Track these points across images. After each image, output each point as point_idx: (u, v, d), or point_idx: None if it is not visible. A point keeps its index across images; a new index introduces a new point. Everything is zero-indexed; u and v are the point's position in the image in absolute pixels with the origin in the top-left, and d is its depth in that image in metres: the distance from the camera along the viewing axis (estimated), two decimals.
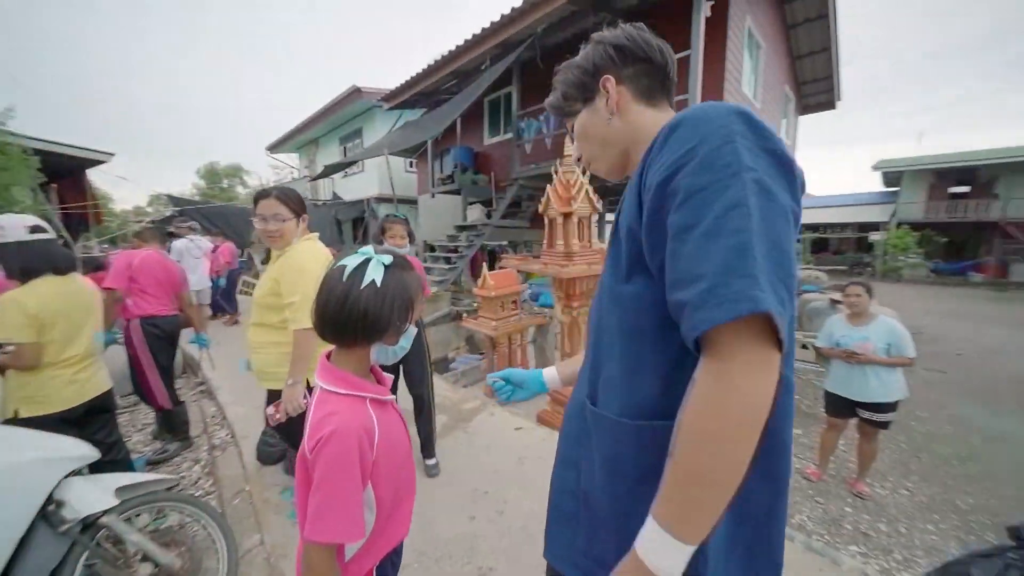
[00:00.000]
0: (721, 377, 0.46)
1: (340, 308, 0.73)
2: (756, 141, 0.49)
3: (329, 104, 11.22)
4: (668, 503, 0.48)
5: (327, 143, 13.57)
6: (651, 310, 0.57)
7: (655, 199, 0.52)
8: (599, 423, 0.64)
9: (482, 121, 8.93)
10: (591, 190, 3.06)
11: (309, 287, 1.43)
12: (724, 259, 0.45)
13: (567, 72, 0.75)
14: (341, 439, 0.69)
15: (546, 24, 5.68)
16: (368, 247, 0.80)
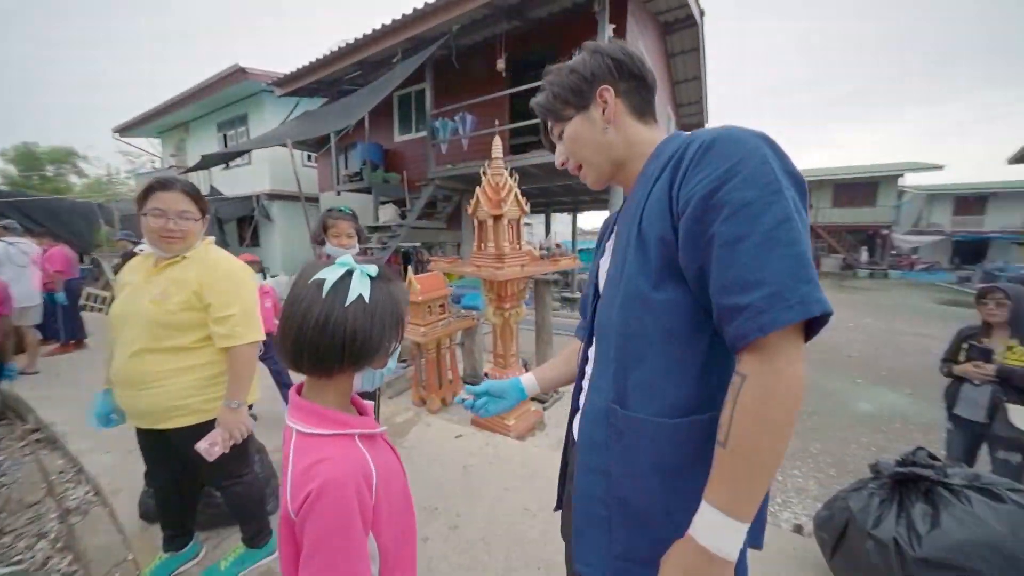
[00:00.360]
0: (778, 370, 0.51)
1: (321, 331, 0.61)
2: (782, 164, 0.55)
3: (205, 83, 9.58)
4: (725, 488, 0.53)
5: (201, 129, 11.58)
6: (684, 314, 0.61)
7: (697, 210, 0.56)
8: (634, 426, 0.65)
9: (391, 117, 8.51)
10: (519, 193, 3.12)
11: (247, 297, 1.37)
12: (787, 266, 0.51)
13: (561, 75, 0.74)
14: (335, 492, 0.57)
15: (460, 24, 5.63)
16: (347, 256, 0.69)
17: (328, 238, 1.92)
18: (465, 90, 6.69)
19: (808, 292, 0.50)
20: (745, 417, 0.52)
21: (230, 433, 1.32)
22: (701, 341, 0.61)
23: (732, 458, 0.53)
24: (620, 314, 0.66)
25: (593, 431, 0.71)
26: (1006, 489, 1.29)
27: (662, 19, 7.07)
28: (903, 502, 1.35)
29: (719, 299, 0.55)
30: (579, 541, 0.71)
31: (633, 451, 0.65)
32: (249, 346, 1.35)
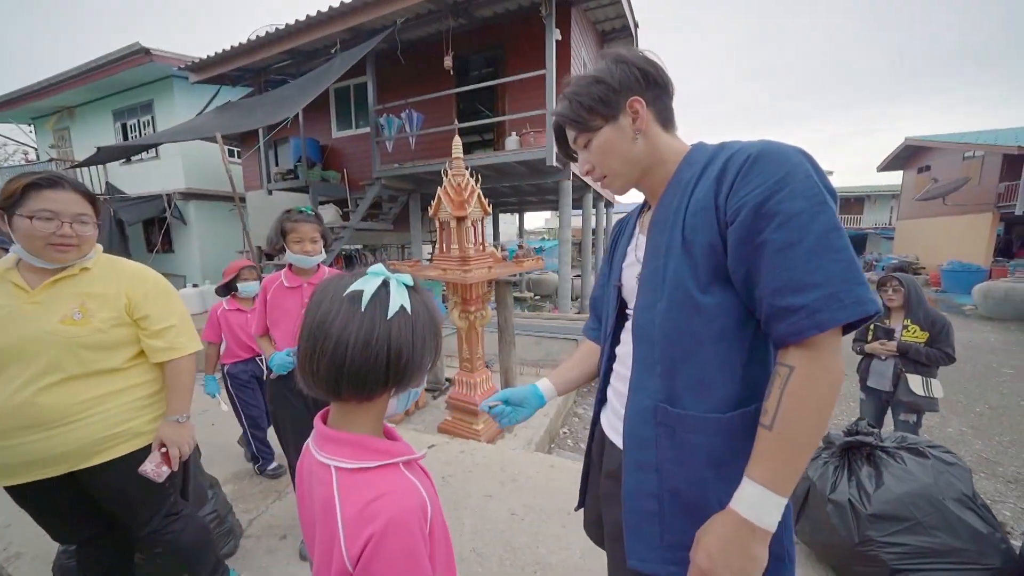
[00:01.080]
0: (825, 363, 0.57)
1: (364, 350, 0.54)
2: (820, 178, 0.60)
3: (97, 63, 8.23)
4: (770, 466, 0.58)
5: (91, 116, 9.95)
6: (732, 315, 0.65)
7: (748, 219, 0.60)
8: (686, 423, 0.67)
9: (329, 111, 7.98)
10: (481, 194, 3.08)
11: (182, 306, 1.31)
12: (841, 270, 0.56)
13: (587, 86, 0.73)
14: (402, 530, 0.51)
15: (405, 18, 5.44)
16: (378, 265, 0.61)
17: (288, 244, 1.68)
18: (410, 86, 6.48)
19: (862, 293, 0.56)
20: (794, 404, 0.57)
21: (179, 449, 1.21)
22: (745, 339, 0.66)
23: (779, 440, 0.58)
24: (666, 317, 0.69)
25: (640, 430, 0.72)
26: (927, 447, 1.53)
27: (600, 28, 7.39)
28: (852, 467, 1.54)
29: (773, 300, 0.59)
30: (633, 537, 0.72)
31: (686, 446, 0.67)
32: (190, 357, 1.27)
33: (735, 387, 0.66)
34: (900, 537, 1.34)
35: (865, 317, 0.56)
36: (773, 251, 0.58)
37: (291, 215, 1.73)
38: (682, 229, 0.67)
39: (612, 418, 0.83)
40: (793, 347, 0.59)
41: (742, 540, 0.58)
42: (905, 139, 16.36)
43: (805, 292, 0.56)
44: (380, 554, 0.50)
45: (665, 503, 0.69)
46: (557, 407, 3.89)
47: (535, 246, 13.55)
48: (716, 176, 0.64)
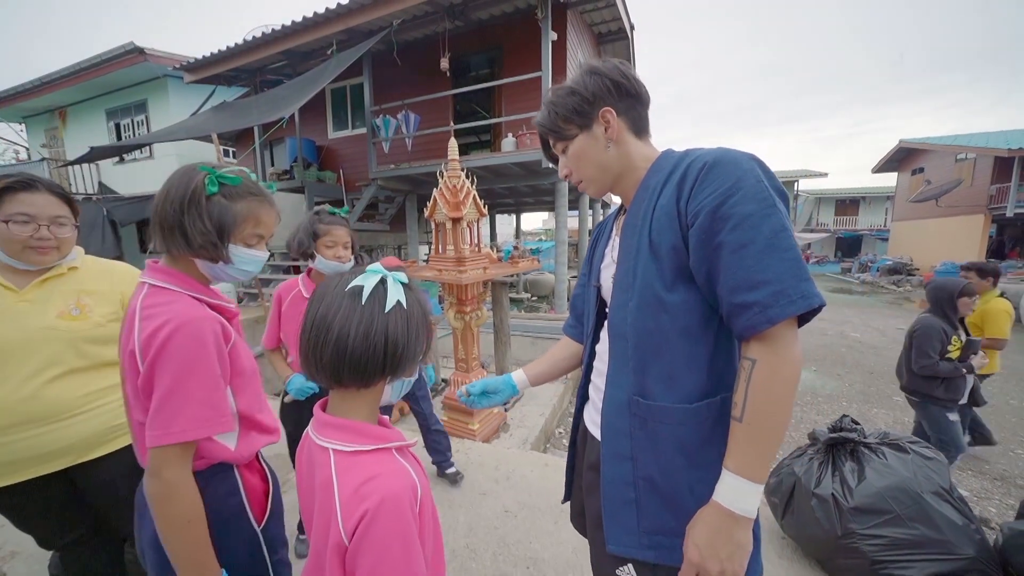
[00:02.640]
0: (782, 354, 0.61)
1: (364, 340, 0.59)
2: (771, 182, 0.65)
3: (91, 63, 8.20)
4: (743, 456, 0.62)
5: (84, 114, 9.91)
6: (695, 311, 0.69)
7: (705, 222, 0.64)
8: (657, 414, 0.71)
9: (325, 112, 7.99)
10: (477, 195, 3.11)
11: None
12: (787, 268, 0.60)
13: (564, 97, 0.79)
14: (394, 508, 0.55)
15: (401, 19, 5.46)
16: (376, 264, 0.66)
17: (319, 249, 1.54)
18: (406, 87, 6.50)
19: (807, 288, 0.60)
20: (758, 394, 0.61)
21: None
22: (710, 334, 0.70)
23: (748, 430, 0.62)
24: (636, 315, 0.73)
25: (616, 422, 0.76)
26: (908, 443, 1.57)
27: (596, 30, 7.44)
28: (836, 463, 1.58)
29: (730, 297, 0.63)
30: (611, 524, 0.75)
31: (657, 436, 0.71)
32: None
33: (701, 379, 0.69)
34: (880, 529, 1.38)
35: (812, 309, 0.60)
36: (729, 252, 0.62)
37: (323, 216, 1.58)
38: (649, 232, 0.71)
39: (592, 412, 0.87)
40: (753, 341, 0.63)
41: (727, 529, 0.62)
42: (899, 141, 16.53)
43: (757, 289, 0.60)
44: (373, 529, 0.54)
45: (641, 490, 0.73)
46: (553, 407, 3.92)
47: (532, 247, 13.58)
48: (677, 182, 0.69)
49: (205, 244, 0.77)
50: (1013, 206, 11.65)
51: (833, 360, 6.12)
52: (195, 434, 0.72)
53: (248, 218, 0.82)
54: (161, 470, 0.71)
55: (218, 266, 0.82)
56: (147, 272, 0.81)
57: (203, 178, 0.77)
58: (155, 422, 0.70)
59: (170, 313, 0.73)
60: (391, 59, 6.06)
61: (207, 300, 0.82)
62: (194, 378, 0.72)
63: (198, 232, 0.76)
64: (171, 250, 0.79)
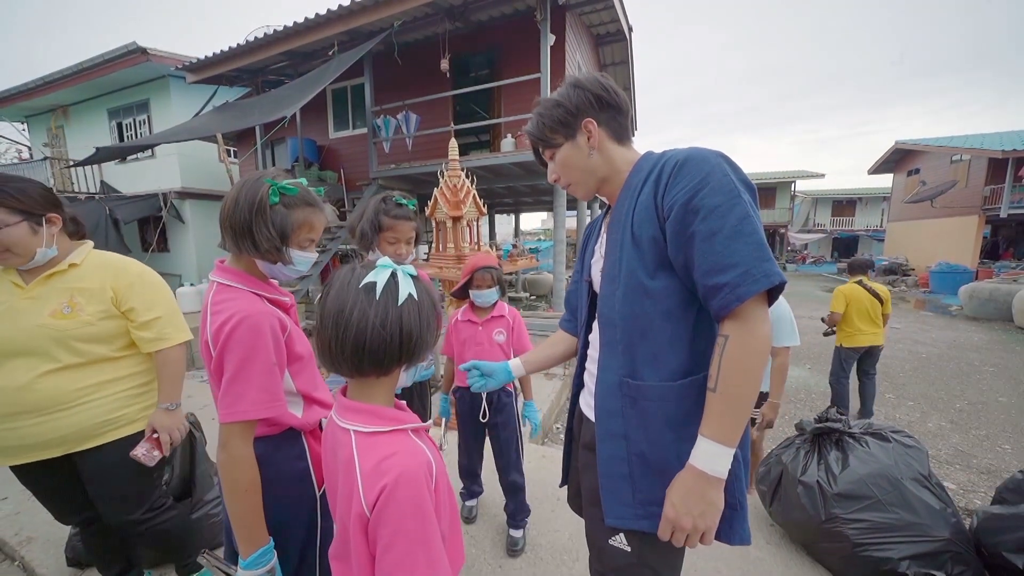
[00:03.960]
0: (751, 330, 0.68)
1: (383, 332, 0.64)
2: (736, 174, 0.72)
3: (93, 63, 8.24)
4: (718, 423, 0.69)
5: (86, 114, 9.94)
6: (676, 296, 0.76)
7: (679, 214, 0.71)
8: (645, 392, 0.78)
9: (325, 112, 8.05)
10: (476, 194, 3.18)
11: (168, 297, 1.33)
12: (751, 251, 0.67)
13: (550, 109, 0.86)
14: (411, 483, 0.60)
15: (402, 20, 5.52)
16: (385, 259, 0.72)
17: (380, 244, 1.43)
18: (407, 87, 6.56)
19: (769, 268, 0.67)
20: (730, 366, 0.68)
21: (169, 435, 1.26)
22: (690, 316, 0.77)
23: (721, 399, 0.69)
24: (623, 303, 0.80)
25: (608, 403, 0.83)
26: (890, 432, 1.64)
27: (595, 31, 7.51)
28: (821, 451, 1.65)
29: (703, 281, 0.70)
30: (608, 498, 0.82)
31: (646, 413, 0.78)
32: (179, 347, 1.31)
33: (684, 358, 0.76)
34: (862, 514, 1.44)
35: (775, 286, 0.67)
36: (700, 240, 0.69)
37: (390, 207, 1.42)
38: (631, 226, 0.78)
39: (587, 397, 0.93)
40: (726, 319, 0.70)
41: (700, 488, 0.69)
42: (895, 142, 16.64)
43: (726, 272, 0.67)
44: (392, 502, 0.59)
45: (634, 465, 0.79)
46: (551, 403, 3.98)
47: (531, 246, 13.65)
48: (655, 180, 0.76)
49: (270, 248, 0.87)
50: (1007, 207, 11.76)
51: (827, 358, 6.18)
52: (254, 414, 0.83)
53: (303, 225, 0.93)
54: (227, 443, 0.82)
55: (277, 266, 0.92)
56: (216, 271, 0.92)
57: (267, 189, 0.87)
58: (223, 402, 0.82)
59: (234, 308, 0.83)
60: (392, 60, 6.12)
61: (265, 295, 0.92)
62: (254, 365, 0.82)
63: (264, 238, 0.87)
64: (241, 251, 0.89)
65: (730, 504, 0.75)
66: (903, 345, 6.46)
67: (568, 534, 1.85)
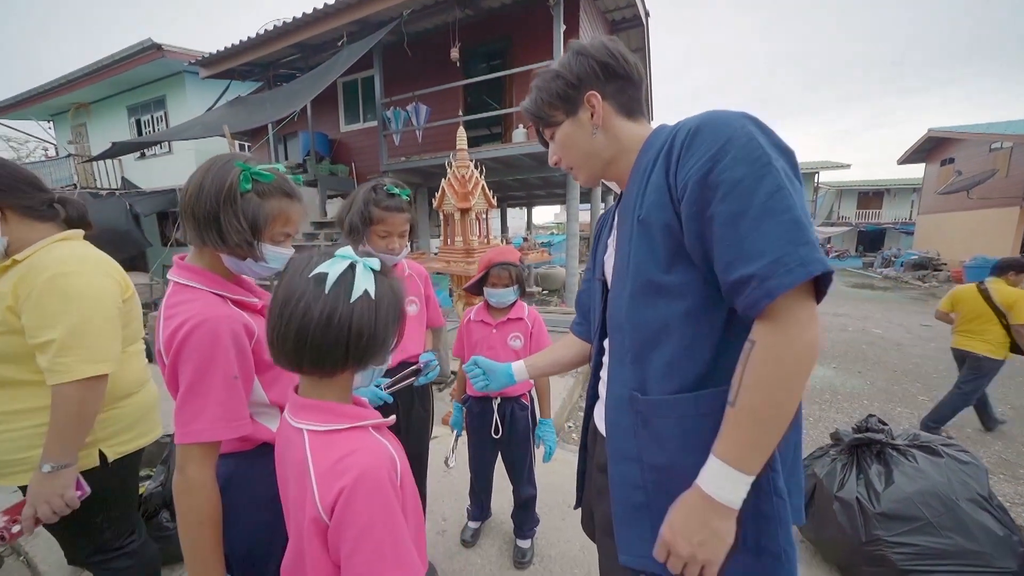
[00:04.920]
0: (785, 334, 0.53)
1: (325, 330, 0.57)
2: (767, 138, 0.57)
3: (111, 60, 8.37)
4: (732, 442, 0.57)
5: (107, 111, 10.15)
6: (697, 293, 0.62)
7: (694, 194, 0.57)
8: (659, 409, 0.65)
9: (337, 105, 8.01)
10: (485, 186, 3.06)
11: (82, 315, 0.93)
12: (783, 233, 0.52)
13: (549, 81, 0.74)
14: (373, 482, 0.54)
15: (411, 9, 5.40)
16: (346, 248, 0.62)
17: (371, 238, 1.29)
18: (417, 79, 6.46)
19: (808, 254, 0.51)
20: (753, 377, 0.55)
21: (36, 510, 0.91)
22: (716, 317, 0.62)
23: (738, 415, 0.56)
24: (631, 304, 0.68)
25: (618, 420, 0.71)
26: (940, 445, 1.48)
27: (610, 17, 7.25)
28: (861, 465, 1.49)
29: (726, 275, 0.56)
30: (622, 532, 0.70)
31: (660, 433, 0.65)
32: (78, 385, 0.92)
33: (704, 366, 0.63)
34: (910, 537, 1.29)
35: (819, 276, 0.52)
36: (721, 224, 0.55)
37: (381, 198, 1.26)
38: (640, 213, 0.66)
39: (602, 410, 0.81)
40: (758, 321, 0.56)
41: (702, 513, 0.58)
42: (928, 130, 15.82)
43: (752, 262, 0.53)
44: (354, 503, 0.53)
45: (652, 494, 0.67)
46: (562, 401, 3.87)
47: (543, 241, 13.47)
48: (665, 154, 0.63)
49: (240, 242, 0.76)
50: None
51: (854, 357, 5.91)
52: (212, 435, 0.72)
53: (278, 217, 0.81)
54: (184, 467, 0.72)
55: (246, 263, 0.81)
56: (173, 269, 0.80)
57: (238, 174, 0.75)
58: (178, 420, 0.72)
59: (188, 313, 0.73)
60: (401, 50, 6.00)
61: (230, 296, 0.81)
62: (212, 378, 0.72)
63: (233, 230, 0.75)
64: (205, 244, 0.78)
65: (771, 552, 0.62)
66: (936, 344, 6.13)
67: (579, 545, 1.74)
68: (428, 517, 1.79)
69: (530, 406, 1.66)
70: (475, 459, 1.74)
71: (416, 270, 1.48)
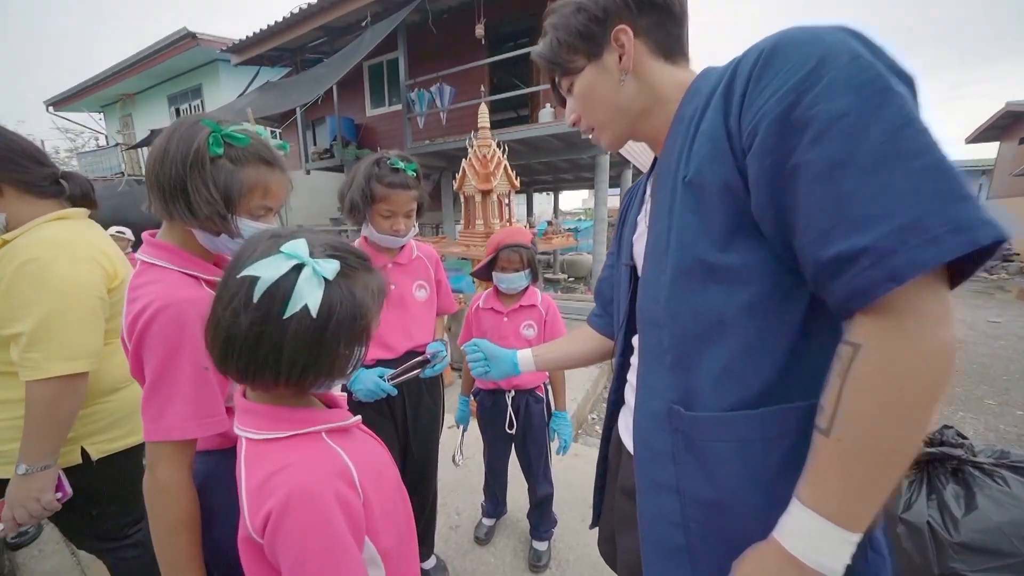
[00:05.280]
0: (907, 335, 0.38)
1: (254, 347, 0.47)
2: (878, 56, 0.40)
3: (151, 50, 8.68)
4: (828, 487, 0.42)
5: (149, 101, 10.61)
6: (766, 276, 0.47)
7: (771, 138, 0.41)
8: (709, 429, 0.51)
9: (363, 89, 7.99)
10: (508, 166, 2.90)
11: (56, 307, 0.85)
12: (920, 185, 0.36)
13: (567, 16, 0.60)
14: (305, 504, 0.46)
15: None
16: (298, 243, 0.49)
17: (373, 217, 1.15)
18: (442, 59, 6.30)
19: (963, 213, 0.35)
20: (861, 400, 0.39)
21: (13, 513, 0.86)
22: (793, 309, 0.47)
23: (839, 450, 0.41)
24: (672, 291, 0.53)
25: (652, 440, 0.57)
26: None
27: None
28: (933, 483, 1.29)
29: (817, 250, 0.40)
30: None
31: (712, 459, 0.51)
32: (46, 384, 0.84)
33: (774, 377, 0.48)
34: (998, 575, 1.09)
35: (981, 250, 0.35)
36: (813, 178, 0.39)
37: (384, 173, 1.12)
38: (687, 173, 0.50)
39: (627, 418, 0.68)
40: (860, 316, 0.40)
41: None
42: (1005, 104, 14.18)
43: (865, 229, 0.37)
44: (281, 530, 0.46)
45: (694, 535, 0.53)
46: (586, 392, 3.73)
47: (570, 226, 13.16)
48: (723, 92, 0.47)
49: (212, 215, 0.66)
50: None
51: None
52: (180, 434, 0.64)
53: (256, 187, 0.71)
54: (154, 467, 0.65)
55: (221, 239, 0.71)
56: (143, 247, 0.72)
57: (206, 136, 0.65)
58: (145, 415, 0.64)
59: (153, 295, 0.64)
60: (426, 30, 5.85)
61: (203, 276, 0.72)
62: (179, 369, 0.64)
63: (203, 201, 0.65)
64: (172, 216, 0.68)
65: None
66: (1006, 342, 5.53)
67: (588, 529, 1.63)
68: (441, 511, 1.72)
69: (545, 398, 1.54)
70: (489, 456, 1.64)
71: (425, 251, 1.37)
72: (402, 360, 1.17)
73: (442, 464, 1.59)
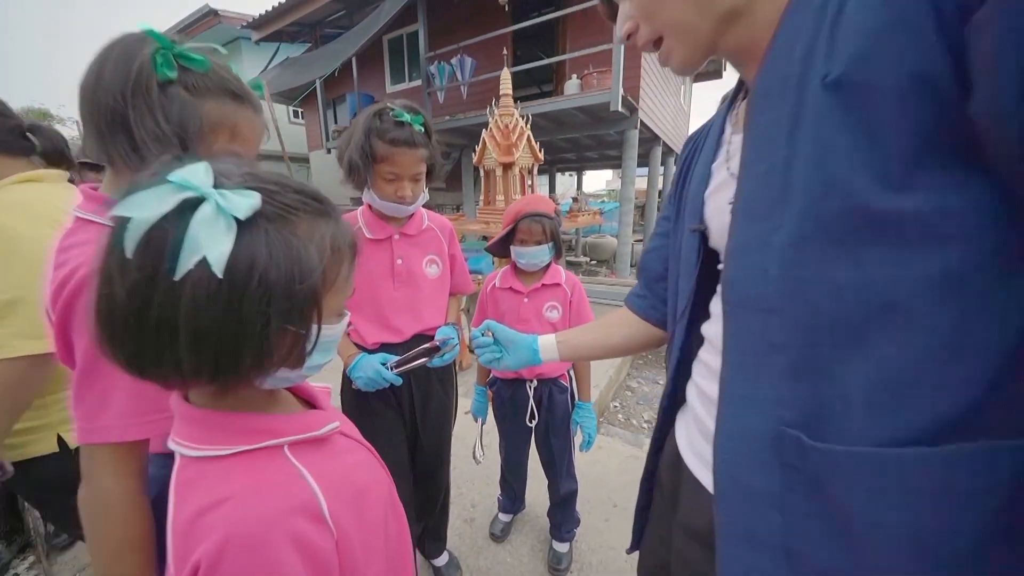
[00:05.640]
0: None
1: (139, 325, 0.32)
2: None
3: (175, 29, 8.72)
4: None
5: None
6: (982, 233, 0.28)
7: None
8: (851, 470, 0.33)
9: (383, 64, 7.80)
10: (531, 137, 2.70)
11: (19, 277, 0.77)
12: None
13: None
14: (248, 554, 0.34)
15: None
16: (196, 165, 0.33)
17: (375, 179, 0.99)
18: (463, 30, 6.02)
19: None
20: None
21: None
22: (1008, 288, 0.29)
23: None
24: (797, 260, 0.35)
25: (743, 474, 0.40)
26: None
27: None
28: None
29: None
30: None
31: (852, 517, 0.33)
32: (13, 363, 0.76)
33: (979, 395, 0.30)
34: None
35: None
36: None
37: (387, 128, 0.94)
38: (829, 71, 0.31)
39: (697, 437, 0.51)
40: None
41: None
42: None
43: None
44: None
45: None
46: (609, 379, 3.56)
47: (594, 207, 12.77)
48: None
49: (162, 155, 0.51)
50: None
51: None
52: (120, 435, 0.51)
53: (221, 126, 0.56)
54: (91, 475, 0.52)
55: None
56: (80, 201, 0.57)
57: (151, 53, 0.49)
58: (77, 412, 0.51)
59: (84, 256, 0.49)
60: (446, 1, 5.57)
61: None
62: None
63: (149, 134, 0.50)
64: (113, 160, 0.53)
65: None
66: None
67: (626, 556, 1.49)
68: (455, 502, 1.62)
69: (569, 387, 1.39)
70: (505, 451, 1.51)
71: (438, 222, 1.20)
72: (410, 345, 1.04)
73: (455, 454, 1.48)
